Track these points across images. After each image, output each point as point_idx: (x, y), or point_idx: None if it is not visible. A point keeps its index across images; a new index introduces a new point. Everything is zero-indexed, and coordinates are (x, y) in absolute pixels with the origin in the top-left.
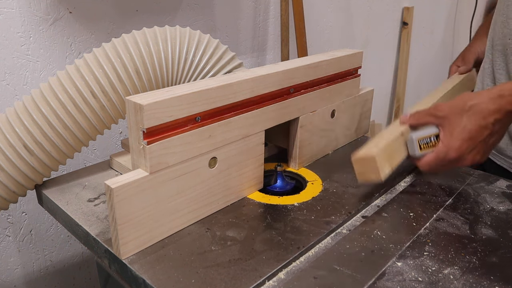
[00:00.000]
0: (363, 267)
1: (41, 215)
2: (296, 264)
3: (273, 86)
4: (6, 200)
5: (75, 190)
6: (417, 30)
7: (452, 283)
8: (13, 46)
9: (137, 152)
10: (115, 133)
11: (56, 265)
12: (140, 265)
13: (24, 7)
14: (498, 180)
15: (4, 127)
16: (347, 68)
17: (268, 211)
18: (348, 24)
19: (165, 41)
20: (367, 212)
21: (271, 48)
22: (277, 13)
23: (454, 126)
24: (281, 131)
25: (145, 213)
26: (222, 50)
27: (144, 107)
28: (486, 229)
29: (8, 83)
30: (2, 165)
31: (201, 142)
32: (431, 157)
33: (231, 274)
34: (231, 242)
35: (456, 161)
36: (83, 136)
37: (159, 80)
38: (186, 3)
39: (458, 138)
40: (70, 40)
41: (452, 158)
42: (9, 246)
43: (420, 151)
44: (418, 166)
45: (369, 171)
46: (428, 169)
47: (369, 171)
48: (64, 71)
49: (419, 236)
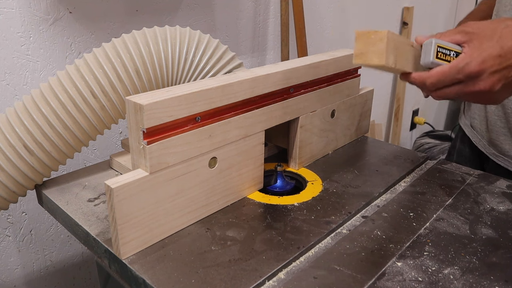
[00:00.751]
0: (363, 267)
1: (41, 215)
2: (296, 264)
3: (273, 86)
4: (6, 200)
5: (75, 190)
6: (417, 30)
7: (452, 283)
8: (13, 46)
9: (137, 152)
10: (115, 133)
11: (56, 265)
12: (140, 265)
13: (24, 7)
14: (498, 180)
15: (4, 127)
16: (347, 68)
17: (268, 211)
18: (348, 24)
19: (165, 41)
20: (367, 212)
21: (271, 48)
22: (277, 13)
23: (484, 40)
24: (281, 131)
25: (145, 213)
26: (222, 50)
27: (144, 107)
28: (486, 229)
29: (8, 83)
30: (2, 165)
31: (201, 142)
32: (446, 67)
33: (231, 274)
34: (231, 242)
35: (473, 79)
36: (83, 136)
37: (159, 80)
38: (186, 3)
39: (486, 51)
40: (70, 40)
41: (470, 72)
42: (9, 246)
43: (435, 58)
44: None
45: (372, 52)
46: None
47: (373, 51)
48: (64, 71)
49: (419, 236)
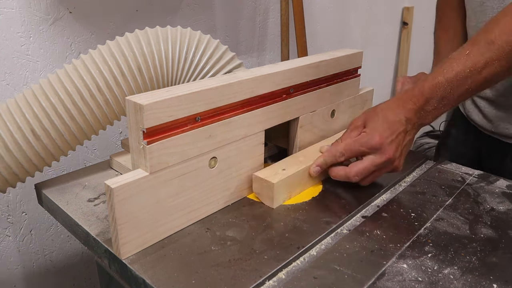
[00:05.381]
0: (363, 267)
1: (41, 215)
2: (296, 264)
3: (273, 86)
4: (7, 182)
5: (75, 190)
6: (417, 30)
7: (452, 283)
8: (13, 46)
9: (137, 152)
10: (115, 133)
11: (56, 265)
12: (140, 265)
13: (24, 7)
14: (498, 180)
15: (14, 110)
16: (347, 68)
17: (268, 211)
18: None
19: (166, 41)
20: (367, 212)
21: (271, 48)
22: (277, 13)
23: (374, 120)
24: (281, 131)
25: (145, 213)
26: (222, 50)
27: (144, 107)
28: (486, 229)
29: (8, 83)
30: (9, 146)
31: (201, 142)
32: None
33: (231, 274)
34: (231, 242)
35: (378, 150)
36: (88, 129)
37: (160, 78)
38: (186, 3)
39: (379, 128)
40: (70, 40)
41: (374, 145)
42: (9, 246)
43: None
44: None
45: (264, 195)
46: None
47: (265, 195)
48: (71, 65)
49: (419, 236)
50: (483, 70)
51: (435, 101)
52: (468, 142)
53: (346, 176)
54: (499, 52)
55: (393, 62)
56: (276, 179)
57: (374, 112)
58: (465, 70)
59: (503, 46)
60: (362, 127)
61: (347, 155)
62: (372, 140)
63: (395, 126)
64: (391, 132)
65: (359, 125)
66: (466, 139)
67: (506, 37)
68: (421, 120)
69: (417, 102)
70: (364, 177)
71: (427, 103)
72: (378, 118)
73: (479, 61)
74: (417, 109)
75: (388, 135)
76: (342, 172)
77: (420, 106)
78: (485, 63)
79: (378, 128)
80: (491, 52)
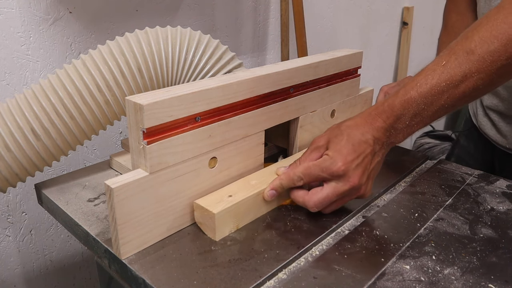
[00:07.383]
0: (363, 267)
1: (41, 215)
2: (296, 264)
3: (273, 86)
4: (8, 182)
5: (75, 190)
6: (417, 30)
7: (452, 283)
8: (13, 46)
9: (137, 152)
10: (115, 133)
11: (56, 265)
12: (140, 265)
13: (24, 7)
14: (498, 180)
15: (15, 110)
16: (347, 68)
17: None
18: (348, 24)
19: (165, 41)
20: (367, 212)
21: (271, 48)
22: (277, 13)
23: (338, 141)
24: (281, 131)
25: (145, 213)
26: (222, 50)
27: (144, 107)
28: (486, 229)
29: (8, 83)
30: (10, 146)
31: (201, 142)
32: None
33: (231, 274)
34: (231, 242)
35: (341, 177)
36: (88, 128)
37: (160, 79)
38: (186, 3)
39: (343, 149)
40: (70, 40)
41: (337, 172)
42: (9, 246)
43: None
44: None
45: (206, 226)
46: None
47: (207, 225)
48: (71, 65)
49: (419, 236)
50: (461, 84)
51: (407, 119)
52: (479, 155)
53: (304, 205)
54: (479, 64)
55: (393, 62)
56: (218, 208)
57: (339, 130)
58: (440, 84)
59: (484, 56)
60: (325, 148)
61: (306, 180)
62: (334, 166)
63: (362, 148)
64: (356, 155)
65: (321, 145)
66: (477, 152)
67: (487, 46)
68: (391, 139)
69: (386, 120)
70: (325, 207)
71: (397, 121)
72: (343, 137)
73: (456, 73)
74: (387, 127)
75: (353, 158)
76: (301, 200)
77: (390, 124)
78: (463, 76)
79: (342, 151)
80: (470, 63)
